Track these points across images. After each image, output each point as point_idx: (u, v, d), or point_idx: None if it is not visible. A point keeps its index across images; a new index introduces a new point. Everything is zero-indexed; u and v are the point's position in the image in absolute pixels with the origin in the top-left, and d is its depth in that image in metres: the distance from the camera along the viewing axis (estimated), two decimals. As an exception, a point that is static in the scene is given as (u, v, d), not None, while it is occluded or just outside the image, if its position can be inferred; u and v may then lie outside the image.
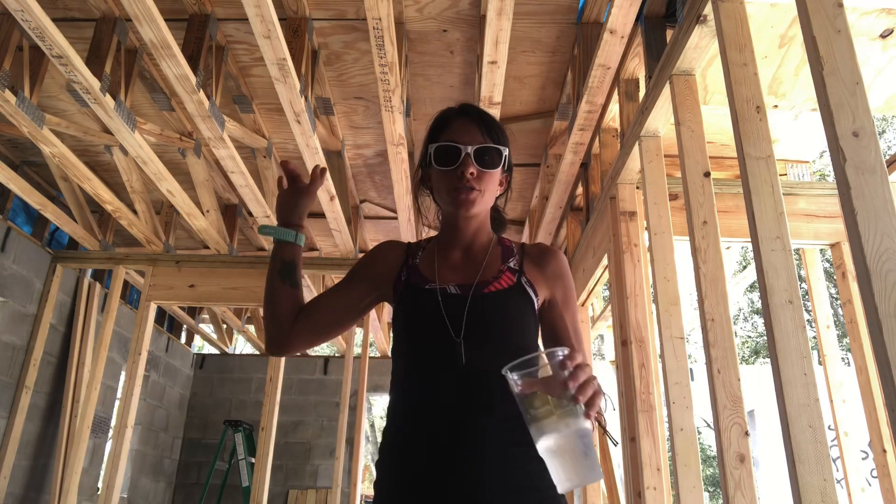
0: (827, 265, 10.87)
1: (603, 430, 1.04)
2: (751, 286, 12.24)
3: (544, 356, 0.94)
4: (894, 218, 1.40)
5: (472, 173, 1.19)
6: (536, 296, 1.23)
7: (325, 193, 4.07)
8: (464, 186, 1.20)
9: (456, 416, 1.09)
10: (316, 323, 1.27)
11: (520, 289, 1.21)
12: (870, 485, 3.33)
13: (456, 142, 1.22)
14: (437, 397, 1.11)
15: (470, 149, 1.20)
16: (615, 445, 1.18)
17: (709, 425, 12.27)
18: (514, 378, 0.94)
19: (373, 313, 6.40)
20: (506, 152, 1.25)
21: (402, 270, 1.27)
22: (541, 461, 1.03)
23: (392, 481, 1.12)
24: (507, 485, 1.06)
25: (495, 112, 3.23)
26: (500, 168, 1.24)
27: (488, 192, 1.23)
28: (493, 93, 3.10)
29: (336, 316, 1.29)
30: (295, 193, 1.30)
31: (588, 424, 0.92)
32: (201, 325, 7.80)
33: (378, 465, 1.17)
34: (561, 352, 0.94)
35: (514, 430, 1.09)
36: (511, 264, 1.25)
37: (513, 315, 1.18)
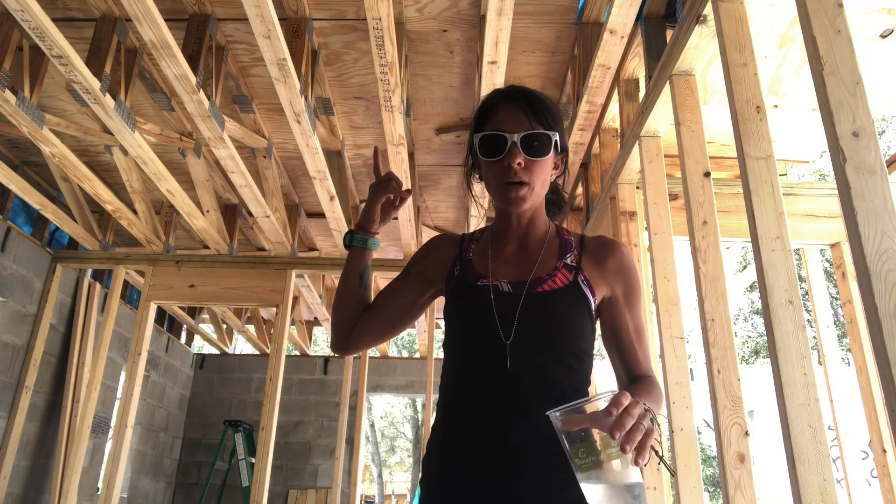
0: (827, 265, 10.87)
1: (659, 460, 0.96)
2: (751, 286, 12.24)
3: (591, 403, 0.86)
4: (894, 218, 1.39)
5: (519, 164, 1.12)
6: (594, 295, 1.16)
7: (325, 193, 4.07)
8: (512, 181, 1.13)
9: (497, 421, 1.06)
10: (378, 322, 1.28)
11: (575, 288, 1.14)
12: (870, 485, 3.33)
13: (501, 130, 1.14)
14: (480, 401, 1.09)
15: (516, 137, 1.12)
16: (672, 476, 1.12)
17: (709, 425, 12.28)
18: (556, 420, 0.86)
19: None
20: (556, 137, 1.15)
21: (455, 265, 1.24)
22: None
23: (434, 483, 1.11)
24: (544, 499, 1.03)
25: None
26: (550, 155, 1.15)
27: (538, 183, 1.15)
28: (493, 93, 3.09)
29: (396, 315, 1.29)
30: (386, 205, 1.29)
31: (638, 476, 0.85)
32: (201, 325, 7.80)
33: (424, 461, 1.16)
34: (607, 396, 0.85)
35: (556, 441, 1.09)
36: (568, 260, 1.18)
37: (566, 318, 1.12)
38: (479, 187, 1.31)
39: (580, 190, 4.13)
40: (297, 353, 8.16)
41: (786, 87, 2.90)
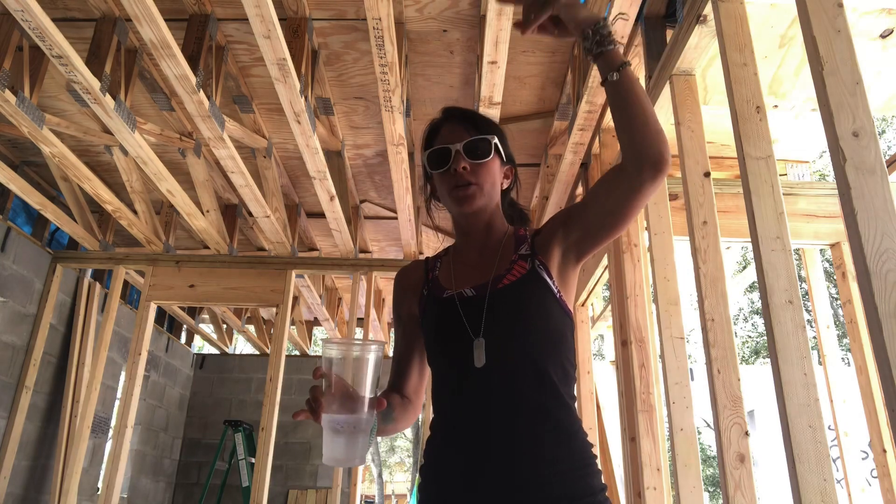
0: (827, 265, 10.87)
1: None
2: (751, 286, 12.24)
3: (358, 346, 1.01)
4: (894, 218, 1.40)
5: (464, 168, 1.20)
6: (551, 277, 1.17)
7: (325, 193, 4.07)
8: (460, 182, 1.20)
9: (483, 418, 1.09)
10: (420, 379, 1.31)
11: (534, 275, 1.17)
12: (870, 485, 3.33)
13: (444, 144, 1.24)
14: (462, 401, 1.12)
15: (458, 146, 1.22)
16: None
17: (709, 425, 12.27)
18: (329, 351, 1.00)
19: (373, 312, 6.40)
20: (494, 140, 1.24)
21: (423, 287, 1.28)
22: (577, 464, 1.06)
23: (430, 489, 1.14)
24: (540, 492, 1.04)
25: (495, 112, 3.22)
26: (493, 157, 1.23)
27: (487, 183, 1.22)
28: (493, 93, 3.10)
29: (423, 367, 1.31)
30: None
31: (353, 418, 0.97)
32: (201, 325, 7.80)
33: (421, 469, 1.20)
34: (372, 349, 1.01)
35: (547, 432, 1.08)
36: (523, 251, 1.22)
37: (530, 305, 1.15)
38: (438, 216, 1.38)
39: (580, 190, 4.13)
40: (297, 353, 8.16)
41: (786, 87, 2.90)
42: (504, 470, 1.05)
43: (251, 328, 7.47)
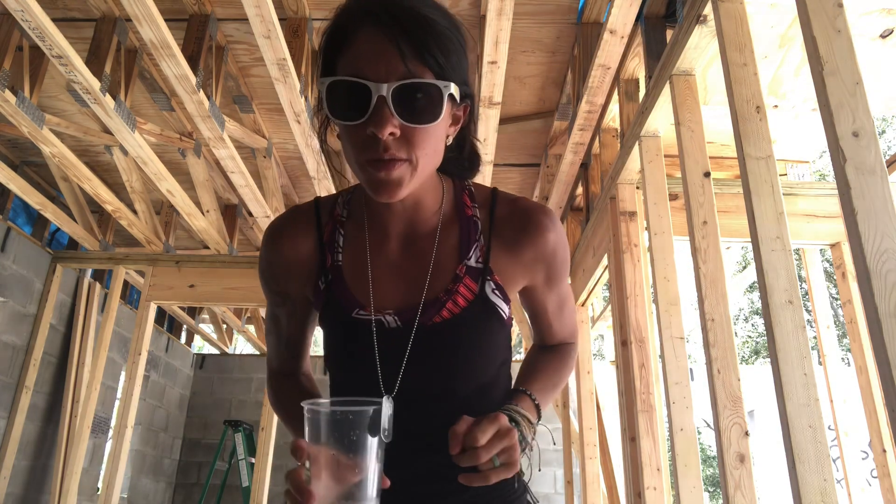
0: (827, 265, 10.87)
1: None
2: (751, 286, 12.24)
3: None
4: (894, 218, 1.40)
5: (391, 134, 0.72)
6: (507, 301, 0.89)
7: (326, 193, 4.07)
8: (382, 157, 0.73)
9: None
10: (306, 349, 1.05)
11: (483, 305, 0.86)
12: (870, 485, 3.33)
13: (360, 76, 0.72)
14: None
15: (384, 88, 0.71)
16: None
17: (709, 425, 12.27)
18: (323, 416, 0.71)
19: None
20: (450, 89, 0.75)
21: (321, 276, 0.91)
22: None
23: None
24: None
25: (495, 112, 3.21)
26: (444, 113, 0.76)
27: (425, 156, 0.76)
28: (493, 93, 3.10)
29: (311, 339, 1.05)
30: None
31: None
32: (201, 325, 7.80)
33: None
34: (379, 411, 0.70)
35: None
36: (472, 260, 0.86)
37: (469, 348, 0.86)
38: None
39: (580, 190, 4.13)
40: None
41: (786, 87, 2.90)
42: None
43: (251, 328, 7.47)
